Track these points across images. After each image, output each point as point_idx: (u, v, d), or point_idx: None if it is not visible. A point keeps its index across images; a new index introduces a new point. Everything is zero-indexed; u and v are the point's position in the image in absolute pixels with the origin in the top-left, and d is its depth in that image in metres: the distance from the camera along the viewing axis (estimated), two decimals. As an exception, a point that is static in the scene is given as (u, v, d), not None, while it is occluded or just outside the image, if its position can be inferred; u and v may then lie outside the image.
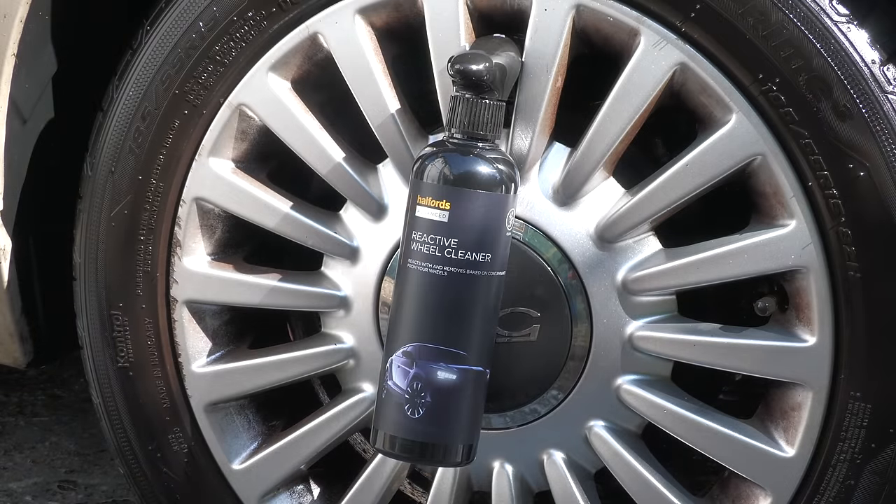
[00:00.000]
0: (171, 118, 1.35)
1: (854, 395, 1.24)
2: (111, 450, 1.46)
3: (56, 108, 1.49)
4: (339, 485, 1.47)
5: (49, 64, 1.45)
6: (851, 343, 1.23)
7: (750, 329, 1.29)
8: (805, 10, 1.19)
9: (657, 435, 1.34)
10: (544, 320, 1.28)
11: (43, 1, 1.39)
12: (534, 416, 1.32)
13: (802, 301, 1.25)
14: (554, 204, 1.28)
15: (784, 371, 1.26)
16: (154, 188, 1.35)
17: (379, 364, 1.24)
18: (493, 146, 1.20)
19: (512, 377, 1.31)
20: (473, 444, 1.25)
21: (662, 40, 1.22)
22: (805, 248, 1.22)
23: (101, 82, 1.42)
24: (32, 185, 1.47)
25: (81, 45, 1.48)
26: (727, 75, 1.21)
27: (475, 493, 1.43)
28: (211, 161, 1.34)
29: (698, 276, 1.27)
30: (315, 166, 1.33)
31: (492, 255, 1.19)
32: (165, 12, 1.33)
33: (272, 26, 1.31)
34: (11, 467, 1.97)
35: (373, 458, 1.39)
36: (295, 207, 1.35)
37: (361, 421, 1.38)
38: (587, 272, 1.28)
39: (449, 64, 1.18)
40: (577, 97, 1.31)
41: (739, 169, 1.23)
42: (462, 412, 1.22)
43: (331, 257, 1.35)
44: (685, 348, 1.28)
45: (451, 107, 1.19)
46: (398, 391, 1.20)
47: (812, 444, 1.27)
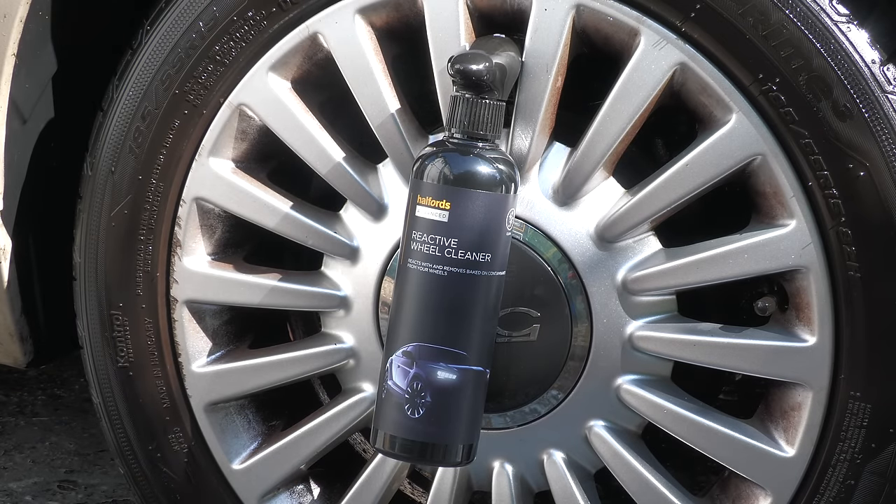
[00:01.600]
0: (171, 118, 1.34)
1: (854, 394, 1.23)
2: (111, 450, 1.46)
3: (56, 108, 1.48)
4: (339, 485, 1.47)
5: (49, 64, 1.44)
6: (851, 343, 1.23)
7: (750, 329, 1.29)
8: (805, 9, 1.18)
9: (657, 435, 1.34)
10: (544, 320, 1.28)
11: (43, 1, 1.39)
12: (534, 415, 1.31)
13: (802, 301, 1.24)
14: (554, 204, 1.28)
15: (784, 371, 1.26)
16: (154, 188, 1.35)
17: (379, 364, 1.23)
18: (493, 146, 1.19)
19: (512, 377, 1.30)
20: (473, 444, 1.24)
21: (662, 40, 1.21)
22: (805, 247, 1.22)
23: (102, 82, 1.42)
24: (32, 185, 1.46)
25: (81, 44, 1.48)
26: (727, 75, 1.21)
27: (475, 493, 1.42)
28: (211, 161, 1.34)
29: (698, 276, 1.26)
30: (315, 166, 1.33)
31: (492, 255, 1.19)
32: (165, 12, 1.33)
33: (272, 26, 1.30)
34: (11, 467, 1.97)
35: (373, 457, 1.38)
36: (295, 207, 1.35)
37: (361, 421, 1.37)
38: (587, 272, 1.27)
39: (449, 64, 1.18)
40: (578, 97, 1.31)
41: (739, 169, 1.22)
42: (462, 412, 1.22)
43: (331, 257, 1.35)
44: (685, 348, 1.28)
45: (451, 107, 1.19)
46: (398, 391, 1.20)
47: (812, 444, 1.26)
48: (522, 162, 1.27)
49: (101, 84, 1.41)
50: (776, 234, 1.23)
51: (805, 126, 1.19)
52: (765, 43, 1.19)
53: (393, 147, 1.30)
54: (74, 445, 2.05)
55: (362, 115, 1.31)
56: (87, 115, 1.43)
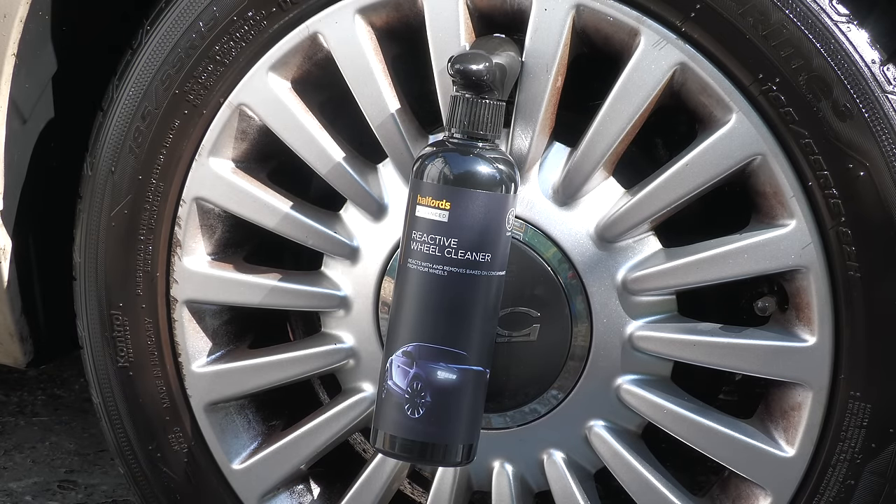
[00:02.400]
0: (171, 118, 1.35)
1: (854, 394, 1.24)
2: (111, 450, 1.46)
3: (56, 108, 1.48)
4: (339, 485, 1.47)
5: (49, 64, 1.45)
6: (851, 343, 1.23)
7: (750, 329, 1.29)
8: (805, 9, 1.19)
9: (657, 435, 1.34)
10: (544, 320, 1.28)
11: (43, 1, 1.40)
12: (534, 415, 1.32)
13: (802, 301, 1.25)
14: (554, 204, 1.28)
15: (784, 371, 1.26)
16: (154, 188, 1.36)
17: (379, 364, 1.24)
18: (493, 146, 1.20)
19: (512, 377, 1.31)
20: (473, 444, 1.24)
21: (662, 40, 1.22)
22: (805, 247, 1.22)
23: (102, 82, 1.42)
24: (32, 185, 1.47)
25: (81, 44, 1.48)
26: (727, 75, 1.21)
27: (475, 493, 1.43)
28: (211, 161, 1.35)
29: (698, 276, 1.27)
30: (315, 166, 1.33)
31: (492, 256, 1.19)
32: (165, 12, 1.33)
33: (272, 26, 1.31)
34: (11, 467, 1.97)
35: (373, 457, 1.39)
36: (295, 207, 1.35)
37: (361, 421, 1.38)
38: (587, 272, 1.28)
39: (449, 64, 1.18)
40: (578, 97, 1.31)
41: (739, 169, 1.23)
42: (462, 412, 1.22)
43: (331, 257, 1.35)
44: (685, 348, 1.28)
45: (452, 107, 1.20)
46: (398, 391, 1.20)
47: (812, 443, 1.27)
48: (522, 162, 1.27)
49: (101, 84, 1.41)
50: (776, 234, 1.24)
51: (805, 126, 1.20)
52: (765, 43, 1.20)
53: (393, 147, 1.31)
54: (74, 445, 2.06)
55: (362, 115, 1.31)
56: (87, 115, 1.44)
